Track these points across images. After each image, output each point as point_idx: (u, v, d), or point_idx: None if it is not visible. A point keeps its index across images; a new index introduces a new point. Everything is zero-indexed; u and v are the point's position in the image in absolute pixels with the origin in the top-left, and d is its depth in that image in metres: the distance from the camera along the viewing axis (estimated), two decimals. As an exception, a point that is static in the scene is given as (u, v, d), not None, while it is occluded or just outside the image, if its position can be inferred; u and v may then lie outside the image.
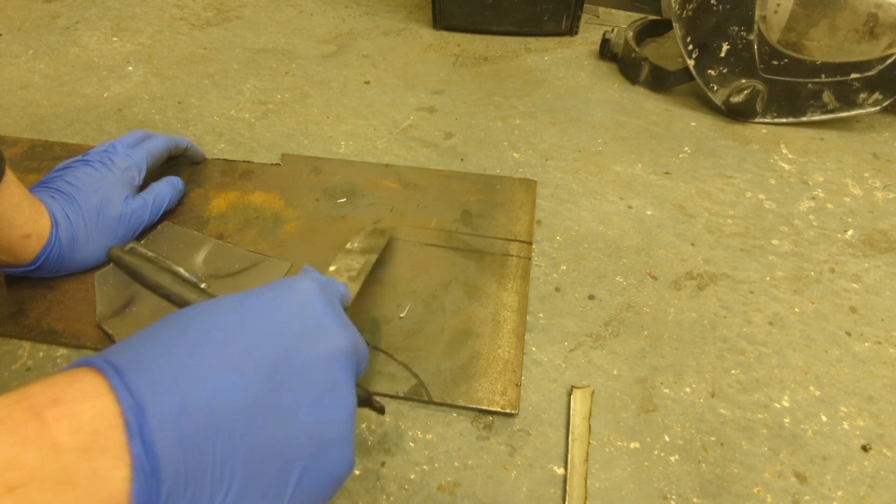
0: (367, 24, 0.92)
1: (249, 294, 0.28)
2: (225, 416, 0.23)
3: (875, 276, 0.52)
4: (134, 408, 0.21)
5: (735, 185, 0.61)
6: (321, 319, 0.28)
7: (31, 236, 0.43)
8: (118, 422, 0.21)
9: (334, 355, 0.27)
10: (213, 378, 0.23)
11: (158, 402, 0.22)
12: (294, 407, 0.25)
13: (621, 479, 0.37)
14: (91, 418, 0.21)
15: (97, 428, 0.20)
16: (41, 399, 0.21)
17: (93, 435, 0.20)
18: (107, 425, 0.21)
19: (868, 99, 0.67)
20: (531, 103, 0.73)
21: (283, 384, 0.25)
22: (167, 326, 0.25)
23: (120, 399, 0.21)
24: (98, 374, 0.22)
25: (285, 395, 0.25)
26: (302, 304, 0.28)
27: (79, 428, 0.20)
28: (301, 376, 0.25)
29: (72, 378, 0.22)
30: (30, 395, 0.21)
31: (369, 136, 0.66)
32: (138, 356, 0.23)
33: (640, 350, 0.45)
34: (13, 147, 0.62)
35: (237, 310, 0.26)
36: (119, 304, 0.45)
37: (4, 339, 0.44)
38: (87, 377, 0.22)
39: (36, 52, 0.80)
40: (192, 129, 0.67)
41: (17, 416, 0.20)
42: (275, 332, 0.26)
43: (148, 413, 0.21)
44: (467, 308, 0.46)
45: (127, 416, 0.21)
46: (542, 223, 0.55)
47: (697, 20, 0.69)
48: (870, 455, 0.39)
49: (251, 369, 0.24)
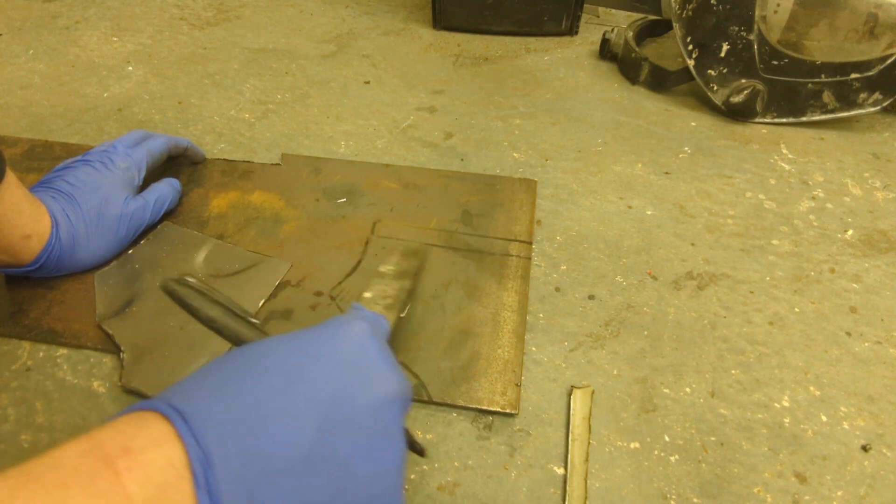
0: (367, 24, 0.92)
1: (304, 335, 0.28)
2: (284, 467, 0.23)
3: (875, 276, 0.52)
4: (201, 458, 0.22)
5: (735, 185, 0.61)
6: (374, 364, 0.28)
7: (31, 237, 0.43)
8: (186, 473, 0.21)
9: (386, 401, 0.27)
10: (274, 427, 0.23)
11: (223, 452, 0.22)
12: (348, 457, 0.24)
13: (621, 479, 0.37)
14: (160, 469, 0.21)
15: (167, 479, 0.21)
16: (112, 447, 0.21)
17: (162, 487, 0.21)
18: (175, 476, 0.21)
19: (868, 99, 0.67)
20: (531, 103, 0.73)
21: (338, 432, 0.24)
22: (225, 368, 0.25)
23: (187, 448, 0.22)
24: (164, 419, 0.23)
25: (339, 443, 0.24)
26: (355, 348, 0.28)
27: (149, 479, 0.21)
28: (354, 423, 0.25)
29: (139, 424, 0.23)
30: (100, 442, 0.21)
31: (369, 136, 0.66)
32: (201, 401, 0.23)
33: (640, 350, 0.45)
34: (13, 147, 0.62)
35: (294, 353, 0.26)
36: (119, 304, 0.45)
37: (4, 339, 0.44)
38: (154, 423, 0.22)
39: (36, 52, 0.80)
40: (192, 129, 0.67)
41: (90, 466, 0.20)
42: (330, 377, 0.26)
43: (214, 464, 0.22)
44: (467, 308, 0.46)
45: (194, 466, 0.21)
46: (542, 223, 0.55)
47: (697, 20, 0.69)
48: (870, 455, 0.39)
49: (309, 417, 0.24)
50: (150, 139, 0.54)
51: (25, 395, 0.40)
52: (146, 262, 0.48)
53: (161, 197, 0.51)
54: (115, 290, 0.46)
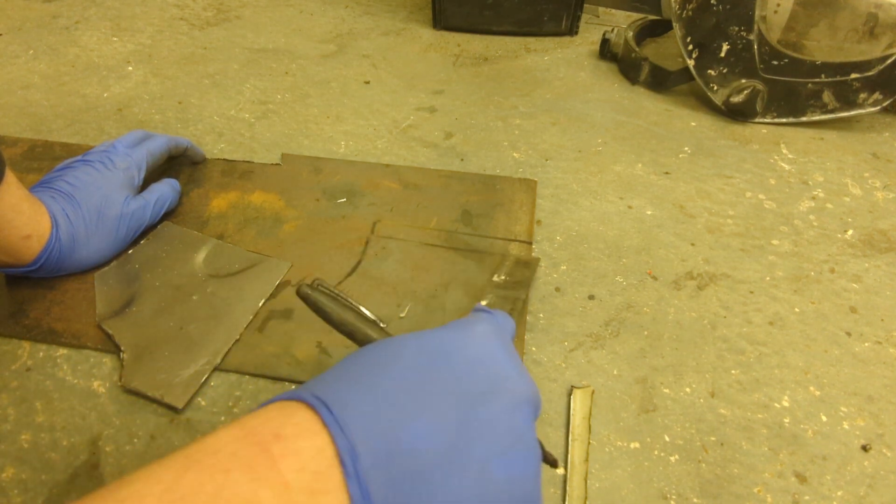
0: (367, 24, 0.92)
1: (432, 335, 0.27)
2: (427, 462, 0.22)
3: (875, 276, 0.52)
4: (349, 448, 0.21)
5: (735, 185, 0.61)
6: (503, 365, 0.27)
7: (31, 237, 0.43)
8: (335, 462, 0.21)
9: (518, 404, 0.26)
10: (415, 422, 0.23)
11: (369, 444, 0.22)
12: (485, 459, 0.24)
13: (621, 479, 0.37)
14: (312, 457, 0.21)
15: (318, 467, 0.21)
16: (264, 434, 0.21)
17: (316, 475, 0.21)
18: (326, 465, 0.21)
19: (868, 99, 0.67)
20: (531, 103, 0.73)
21: (473, 433, 0.24)
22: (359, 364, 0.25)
23: (334, 437, 0.22)
24: (309, 409, 0.23)
25: (475, 444, 0.24)
26: (483, 348, 0.27)
27: (303, 466, 0.21)
28: (488, 425, 0.24)
29: (286, 413, 0.23)
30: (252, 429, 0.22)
31: (369, 136, 0.66)
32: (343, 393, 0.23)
33: (640, 350, 0.45)
34: (13, 147, 0.62)
35: (424, 352, 0.26)
36: (119, 304, 0.45)
37: (4, 339, 0.44)
38: (300, 412, 0.23)
39: (36, 52, 0.80)
40: (192, 129, 0.67)
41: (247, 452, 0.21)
42: (461, 377, 0.25)
43: (360, 454, 0.21)
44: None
45: (342, 456, 0.21)
46: (542, 223, 0.55)
47: (697, 20, 0.69)
48: (870, 455, 0.39)
49: (447, 415, 0.24)
50: (151, 139, 0.54)
51: (25, 395, 0.40)
52: (146, 262, 0.48)
53: (162, 197, 0.51)
54: (115, 290, 0.46)
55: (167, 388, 0.40)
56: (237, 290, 0.47)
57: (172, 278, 0.47)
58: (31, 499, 0.35)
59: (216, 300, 0.46)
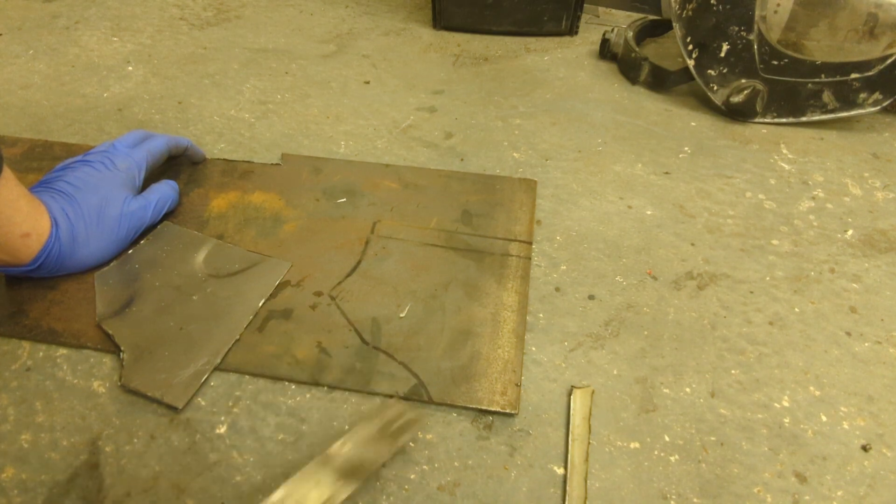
0: (367, 24, 0.92)
1: None
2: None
3: (875, 276, 0.52)
4: None
5: (735, 185, 0.61)
6: None
7: (30, 235, 0.43)
8: None
9: None
10: None
11: None
12: None
13: (621, 479, 0.37)
14: None
15: None
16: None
17: None
18: None
19: (868, 99, 0.67)
20: (531, 103, 0.73)
21: None
22: None
23: None
24: None
25: None
26: None
27: None
28: None
29: None
30: None
31: (369, 136, 0.66)
32: None
33: (640, 350, 0.45)
34: (13, 147, 0.62)
35: None
36: (119, 304, 0.45)
37: (4, 339, 0.44)
38: None
39: (36, 52, 0.80)
40: (192, 129, 0.67)
41: None
42: None
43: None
44: (467, 308, 0.46)
45: None
46: (542, 223, 0.55)
47: (697, 20, 0.69)
48: (870, 455, 0.39)
49: None
50: (151, 139, 0.54)
51: (25, 395, 0.40)
52: (146, 262, 0.48)
53: (162, 198, 0.51)
54: (115, 290, 0.46)
55: (167, 388, 0.40)
56: (237, 290, 0.47)
57: (172, 278, 0.47)
58: (31, 499, 0.35)
59: (216, 300, 0.46)
